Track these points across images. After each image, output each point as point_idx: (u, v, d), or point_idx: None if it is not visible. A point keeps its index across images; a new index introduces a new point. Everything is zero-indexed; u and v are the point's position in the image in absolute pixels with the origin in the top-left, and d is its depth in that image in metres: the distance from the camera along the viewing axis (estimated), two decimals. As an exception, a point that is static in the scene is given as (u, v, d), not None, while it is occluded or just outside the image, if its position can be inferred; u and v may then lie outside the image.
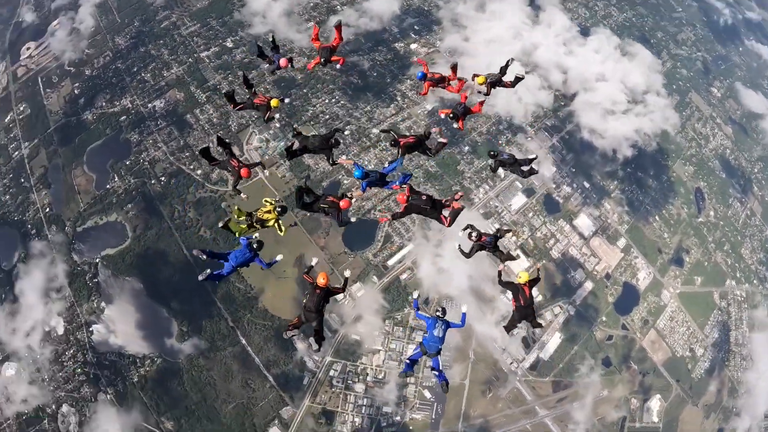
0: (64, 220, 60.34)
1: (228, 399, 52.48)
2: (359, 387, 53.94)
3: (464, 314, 13.42)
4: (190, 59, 70.32)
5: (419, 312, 13.67)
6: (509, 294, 14.18)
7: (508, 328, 14.38)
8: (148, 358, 53.82)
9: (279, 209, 14.33)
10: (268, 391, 53.36)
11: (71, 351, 53.81)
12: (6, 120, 67.73)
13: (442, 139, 16.29)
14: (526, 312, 13.32)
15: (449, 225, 14.58)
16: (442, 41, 76.09)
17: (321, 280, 12.96)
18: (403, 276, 57.80)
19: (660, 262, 66.36)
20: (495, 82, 17.46)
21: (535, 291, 56.04)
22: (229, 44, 71.75)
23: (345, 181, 61.68)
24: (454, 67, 18.63)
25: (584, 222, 65.45)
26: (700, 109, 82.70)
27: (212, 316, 56.28)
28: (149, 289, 57.40)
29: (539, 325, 13.84)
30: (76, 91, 69.19)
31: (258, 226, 14.06)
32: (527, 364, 57.11)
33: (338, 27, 17.19)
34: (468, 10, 79.84)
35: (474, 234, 14.72)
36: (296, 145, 15.32)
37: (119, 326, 55.28)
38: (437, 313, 12.67)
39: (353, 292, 55.90)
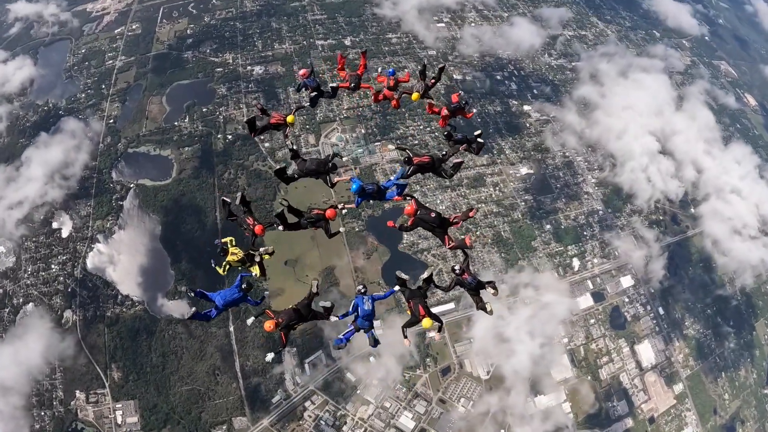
0: (120, 136, 71.35)
1: (186, 379, 56.75)
2: (329, 434, 55.73)
3: (392, 290, 16.65)
4: (304, 42, 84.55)
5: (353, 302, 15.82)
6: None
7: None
8: (130, 300, 59.91)
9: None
10: (232, 391, 56.96)
11: (65, 257, 61.22)
12: (116, 31, 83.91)
13: (457, 160, 17.54)
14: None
15: (450, 248, 16.42)
16: (574, 90, 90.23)
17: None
18: (432, 334, 60.58)
19: (711, 425, 65.82)
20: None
21: (566, 407, 57.26)
22: (348, 42, 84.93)
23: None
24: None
25: (646, 351, 67.14)
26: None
27: (213, 289, 61.73)
28: (165, 235, 65.78)
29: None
30: (188, 31, 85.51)
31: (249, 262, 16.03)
32: None
33: (363, 53, 20.51)
34: (610, 70, 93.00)
35: (457, 268, 15.98)
36: (293, 167, 17.10)
37: (119, 256, 62.44)
38: (360, 291, 15.55)
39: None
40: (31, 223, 65.84)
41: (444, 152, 17.80)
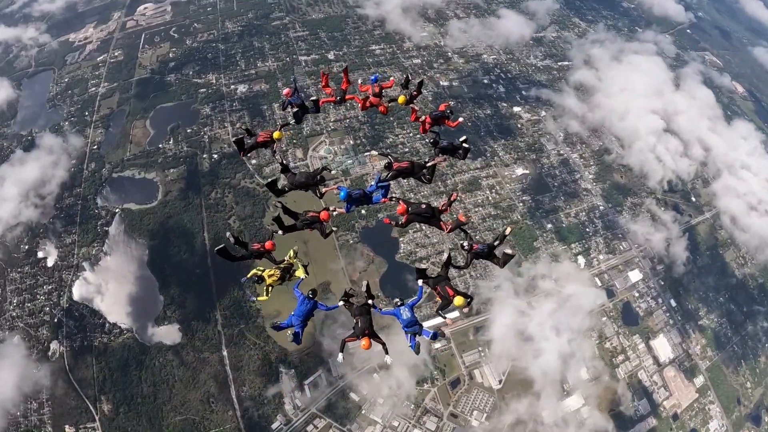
0: (105, 162, 69.35)
1: (180, 409, 53.42)
2: (334, 461, 52.41)
3: (421, 287, 16.31)
4: (287, 58, 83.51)
5: (384, 310, 16.28)
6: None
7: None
8: (118, 328, 56.87)
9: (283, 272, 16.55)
10: (228, 419, 53.62)
11: (50, 287, 58.48)
12: (99, 59, 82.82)
13: (430, 163, 17.99)
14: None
15: (449, 231, 17.06)
16: (570, 76, 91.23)
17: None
18: (438, 345, 57.42)
19: (736, 415, 62.47)
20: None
21: (586, 411, 53.92)
22: (331, 56, 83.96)
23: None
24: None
25: (663, 345, 64.48)
26: None
27: (203, 312, 58.96)
28: (153, 259, 63.00)
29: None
30: (171, 54, 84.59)
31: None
32: None
33: (345, 70, 20.75)
34: (603, 55, 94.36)
35: (466, 243, 16.45)
36: (282, 181, 17.70)
37: (106, 283, 59.65)
38: (397, 304, 15.50)
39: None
40: (16, 253, 63.37)
41: (426, 160, 18.32)
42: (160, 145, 72.22)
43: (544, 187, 74.47)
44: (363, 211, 65.51)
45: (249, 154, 19.52)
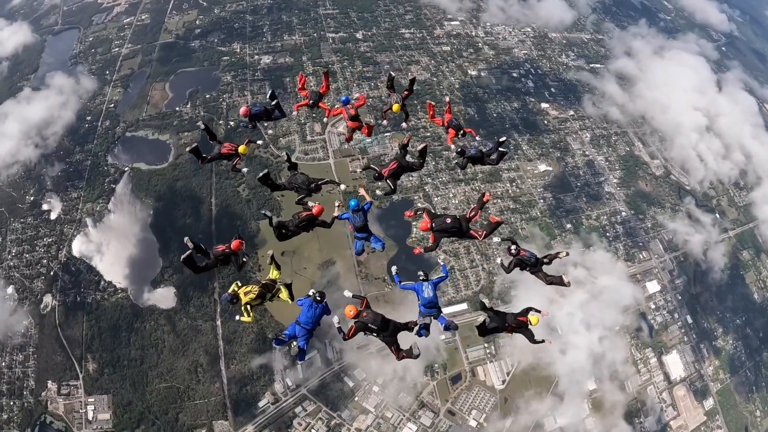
0: (120, 120, 66.00)
1: (165, 375, 49.73)
2: (322, 446, 47.89)
3: (444, 266, 15.51)
4: (315, 34, 78.91)
5: (403, 284, 14.42)
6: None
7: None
8: (112, 287, 53.35)
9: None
10: (214, 392, 49.57)
11: (50, 239, 55.26)
12: (125, 21, 79.53)
13: (421, 146, 16.81)
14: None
15: (484, 238, 15.12)
16: (609, 66, 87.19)
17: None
18: (443, 337, 52.42)
19: None
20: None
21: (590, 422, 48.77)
22: (359, 36, 79.60)
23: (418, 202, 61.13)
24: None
25: (675, 362, 59.34)
26: None
27: (201, 281, 55.00)
28: (157, 221, 59.43)
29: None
30: (197, 22, 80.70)
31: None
32: None
33: (326, 73, 19.52)
34: (644, 48, 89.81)
35: (513, 247, 14.79)
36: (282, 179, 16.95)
37: (106, 240, 56.25)
38: (420, 278, 13.81)
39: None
40: (20, 203, 60.34)
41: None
42: (177, 108, 68.55)
43: (566, 185, 68.88)
44: (377, 192, 60.68)
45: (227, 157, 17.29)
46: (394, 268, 15.28)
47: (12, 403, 49.04)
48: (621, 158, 74.62)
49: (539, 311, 13.76)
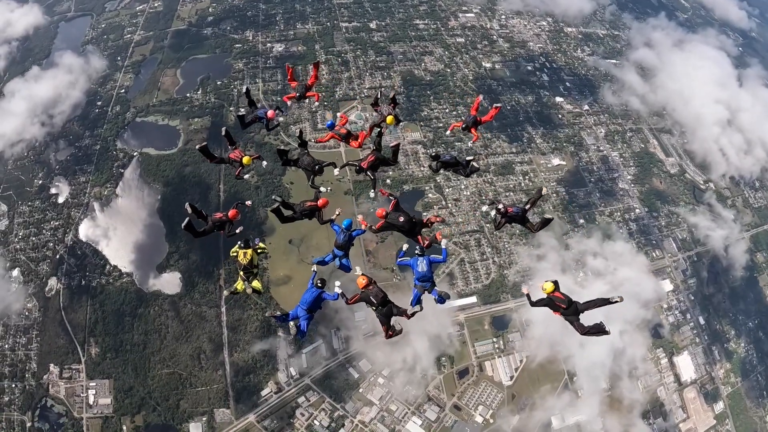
0: (130, 106, 64.86)
1: (168, 361, 48.43)
2: (324, 438, 46.28)
3: (444, 249, 15.04)
4: (328, 23, 77.25)
5: (399, 260, 14.85)
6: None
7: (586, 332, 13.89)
8: (118, 271, 52.14)
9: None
10: (217, 379, 48.22)
11: (57, 223, 54.27)
12: (138, 8, 78.44)
13: (393, 144, 17.50)
14: (571, 313, 13.69)
15: (428, 247, 14.98)
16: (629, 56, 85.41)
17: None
18: (451, 330, 50.62)
19: None
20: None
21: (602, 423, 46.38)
22: (373, 26, 77.77)
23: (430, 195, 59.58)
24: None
25: (686, 364, 57.44)
26: None
27: (207, 267, 53.63)
28: (164, 206, 58.13)
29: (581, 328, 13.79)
30: (210, 9, 79.34)
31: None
32: None
33: (316, 65, 19.93)
34: (664, 39, 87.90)
35: (500, 206, 15.02)
36: (293, 152, 17.25)
37: (113, 224, 55.10)
38: (416, 253, 14.14)
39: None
40: (29, 187, 59.35)
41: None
42: (188, 95, 67.24)
43: (579, 181, 66.69)
44: (388, 181, 59.27)
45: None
46: (405, 246, 15.40)
47: (14, 385, 48.00)
48: (635, 155, 72.20)
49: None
